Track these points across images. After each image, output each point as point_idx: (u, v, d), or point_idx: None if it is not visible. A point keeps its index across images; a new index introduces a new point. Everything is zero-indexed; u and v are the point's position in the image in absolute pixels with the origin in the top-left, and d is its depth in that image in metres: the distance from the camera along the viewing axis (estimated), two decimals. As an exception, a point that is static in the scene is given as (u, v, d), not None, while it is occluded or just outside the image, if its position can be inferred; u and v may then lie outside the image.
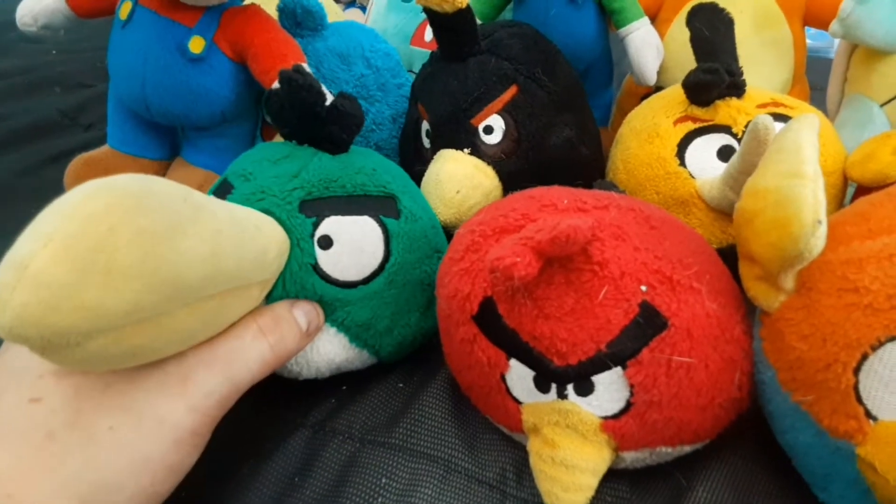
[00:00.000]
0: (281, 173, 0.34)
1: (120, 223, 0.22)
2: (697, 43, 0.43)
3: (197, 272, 0.25)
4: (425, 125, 0.47)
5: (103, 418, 0.26)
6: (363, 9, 0.82)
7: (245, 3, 0.50)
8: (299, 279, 0.33)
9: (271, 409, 0.37)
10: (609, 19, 0.52)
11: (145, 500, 0.27)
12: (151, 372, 0.27)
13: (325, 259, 0.33)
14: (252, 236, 0.29)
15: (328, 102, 0.34)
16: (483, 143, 0.44)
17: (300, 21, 0.51)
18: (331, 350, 0.35)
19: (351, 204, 0.34)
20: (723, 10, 0.43)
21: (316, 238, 0.33)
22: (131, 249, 0.22)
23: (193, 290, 0.25)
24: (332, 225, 0.33)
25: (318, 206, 0.34)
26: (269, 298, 0.32)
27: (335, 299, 0.34)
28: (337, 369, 0.36)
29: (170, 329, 0.25)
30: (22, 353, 0.27)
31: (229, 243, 0.27)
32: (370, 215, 0.35)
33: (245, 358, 0.30)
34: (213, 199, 0.27)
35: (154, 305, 0.23)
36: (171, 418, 0.27)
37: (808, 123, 0.27)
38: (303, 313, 0.33)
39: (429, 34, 0.63)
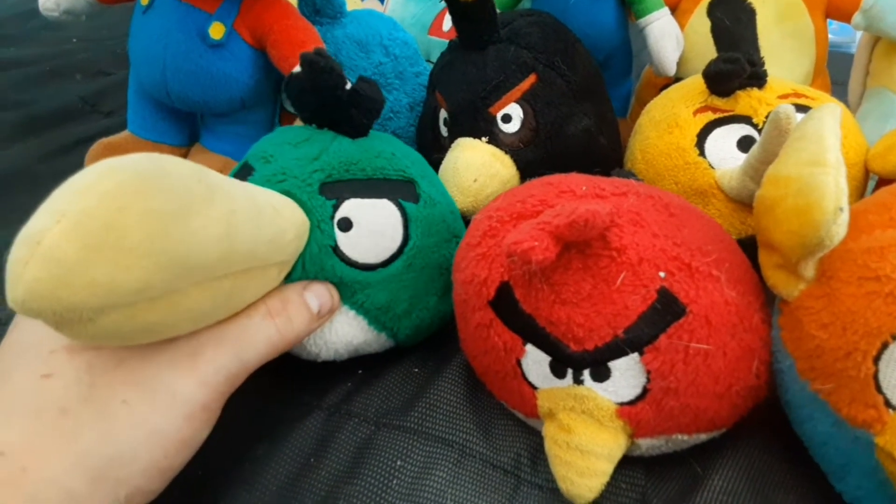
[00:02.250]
0: (301, 156, 0.34)
1: (130, 203, 0.22)
2: (719, 33, 0.43)
3: (209, 252, 0.25)
4: (443, 113, 0.47)
5: (116, 393, 0.26)
6: (381, -1, 0.82)
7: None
8: (319, 261, 0.33)
9: (288, 391, 0.38)
10: (629, 9, 0.52)
11: (158, 473, 0.27)
12: (163, 348, 0.28)
13: (344, 241, 0.33)
14: (269, 217, 0.29)
15: (348, 86, 0.35)
16: (501, 131, 0.44)
17: (319, 8, 0.51)
18: (349, 332, 0.35)
19: (370, 187, 0.35)
20: (744, 0, 0.43)
21: (336, 220, 0.33)
22: (141, 228, 0.22)
23: (206, 269, 0.25)
24: (351, 207, 0.34)
25: (338, 188, 0.34)
26: (289, 279, 0.33)
27: (354, 281, 0.34)
28: (355, 351, 0.37)
29: (183, 307, 0.25)
30: (33, 329, 0.28)
31: (245, 224, 0.27)
32: (389, 198, 0.35)
33: (253, 338, 0.30)
34: (229, 181, 0.28)
35: (165, 283, 0.24)
36: (183, 392, 0.27)
37: (831, 112, 0.27)
38: (314, 296, 0.33)
39: (447, 24, 0.62)
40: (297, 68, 0.34)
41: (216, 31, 0.46)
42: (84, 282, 0.21)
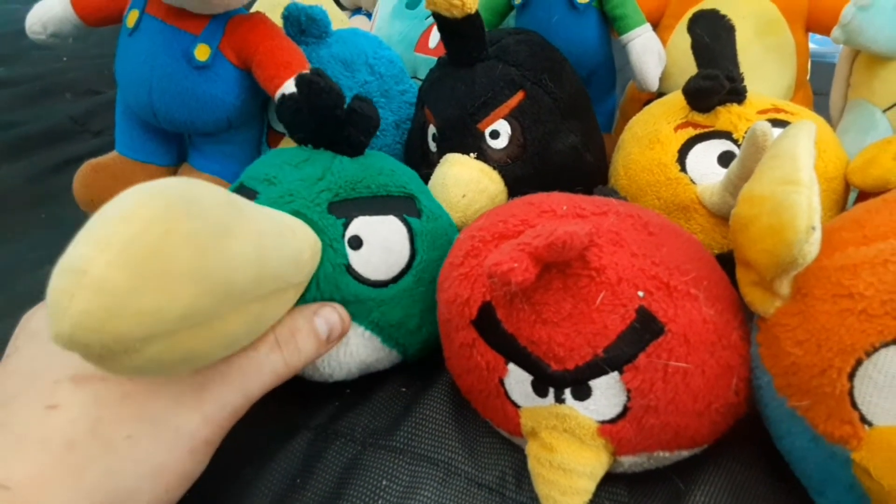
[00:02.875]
0: (306, 176, 0.34)
1: (174, 227, 0.22)
2: (698, 49, 0.43)
3: (246, 274, 0.25)
4: (432, 129, 0.47)
5: (122, 428, 0.26)
6: (369, 15, 0.83)
7: (250, 11, 0.51)
8: (333, 280, 0.33)
9: (275, 411, 0.37)
10: (611, 26, 0.53)
11: None
12: (168, 383, 0.27)
13: (356, 259, 0.34)
14: (288, 238, 0.29)
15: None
16: (489, 147, 0.44)
17: (304, 28, 0.51)
18: (363, 352, 0.35)
19: (377, 204, 0.35)
20: (724, 16, 0.43)
21: (346, 239, 0.34)
22: (186, 253, 0.22)
23: (243, 292, 0.25)
24: (360, 225, 0.34)
25: (346, 207, 0.34)
26: (303, 300, 0.32)
27: (369, 299, 0.34)
28: (367, 370, 0.37)
29: (221, 333, 0.25)
30: (34, 356, 0.27)
31: (271, 245, 0.27)
32: (395, 215, 0.35)
33: (259, 371, 0.30)
34: (249, 202, 0.28)
35: (208, 309, 0.23)
36: (187, 428, 0.27)
37: (805, 130, 0.28)
38: (324, 321, 0.32)
39: (433, 41, 0.63)
40: (289, 89, 0.34)
41: (201, 52, 0.46)
42: (133, 311, 0.21)
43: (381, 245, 0.34)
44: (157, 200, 0.22)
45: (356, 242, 0.34)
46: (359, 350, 0.35)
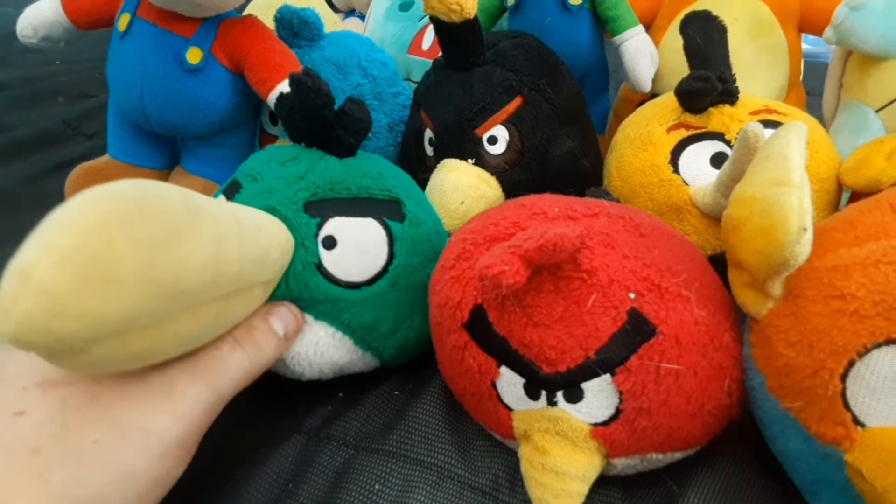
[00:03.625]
0: (287, 174, 0.35)
1: (118, 233, 0.22)
2: (690, 50, 0.43)
3: (197, 278, 0.25)
4: (428, 133, 0.47)
5: (89, 432, 0.26)
6: (362, 17, 0.83)
7: (242, 14, 0.51)
8: (302, 278, 0.33)
9: (267, 416, 0.37)
10: (604, 27, 0.53)
11: None
12: (137, 383, 0.27)
13: (328, 259, 0.34)
14: (253, 238, 0.29)
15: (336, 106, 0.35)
16: (487, 153, 0.44)
17: (297, 31, 0.51)
18: (334, 353, 0.35)
19: (355, 206, 0.35)
20: (716, 17, 0.43)
21: (320, 238, 0.34)
22: (130, 259, 0.22)
23: (194, 295, 0.25)
24: (336, 226, 0.34)
25: (323, 206, 0.34)
26: (273, 297, 0.33)
27: (339, 299, 0.34)
28: (340, 371, 0.37)
29: (172, 333, 0.26)
30: (4, 363, 0.27)
31: (231, 246, 0.27)
32: (374, 217, 0.35)
33: (226, 368, 0.30)
34: (214, 202, 0.28)
35: (154, 312, 0.24)
36: (157, 429, 0.27)
37: (796, 131, 0.28)
38: (279, 319, 0.33)
39: (426, 43, 0.63)
40: (285, 87, 0.34)
41: (193, 55, 0.46)
42: (75, 313, 0.21)
43: (355, 246, 0.34)
44: (103, 205, 0.22)
45: (330, 242, 0.34)
46: (329, 350, 0.35)
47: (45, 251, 0.21)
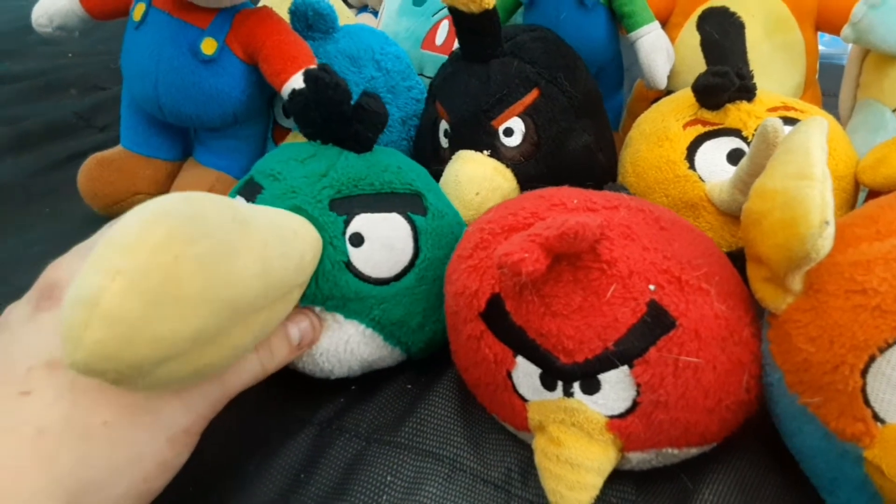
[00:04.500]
0: (309, 173, 0.34)
1: (182, 252, 0.22)
2: (708, 47, 0.43)
3: (252, 290, 0.25)
4: (444, 125, 0.47)
5: (98, 413, 0.26)
6: (375, 13, 0.83)
7: (257, 5, 0.51)
8: (332, 277, 0.33)
9: (280, 406, 0.37)
10: (620, 23, 0.52)
11: (137, 495, 0.27)
12: None
13: (357, 256, 0.34)
14: (291, 242, 0.30)
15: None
16: (503, 145, 0.44)
17: (311, 24, 0.51)
18: (364, 350, 0.35)
19: (380, 201, 0.35)
20: (733, 14, 0.43)
21: (347, 236, 0.33)
22: (195, 278, 0.22)
23: (249, 306, 0.26)
24: (362, 222, 0.34)
25: (348, 204, 0.34)
26: (304, 297, 0.33)
27: (370, 296, 0.34)
28: (369, 367, 0.37)
29: (229, 346, 0.26)
30: (9, 343, 0.27)
31: (276, 255, 0.27)
32: (398, 212, 0.35)
33: (237, 368, 0.30)
34: (252, 209, 0.28)
35: (217, 327, 0.24)
36: (167, 415, 0.27)
37: (817, 125, 0.27)
38: (297, 328, 0.33)
39: (440, 38, 0.63)
40: (298, 84, 0.34)
41: (208, 46, 0.46)
42: (146, 338, 0.21)
43: (382, 242, 0.34)
44: (163, 223, 0.22)
45: (357, 240, 0.34)
46: (360, 348, 0.35)
47: (110, 276, 0.21)
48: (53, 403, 0.25)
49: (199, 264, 0.22)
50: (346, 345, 0.35)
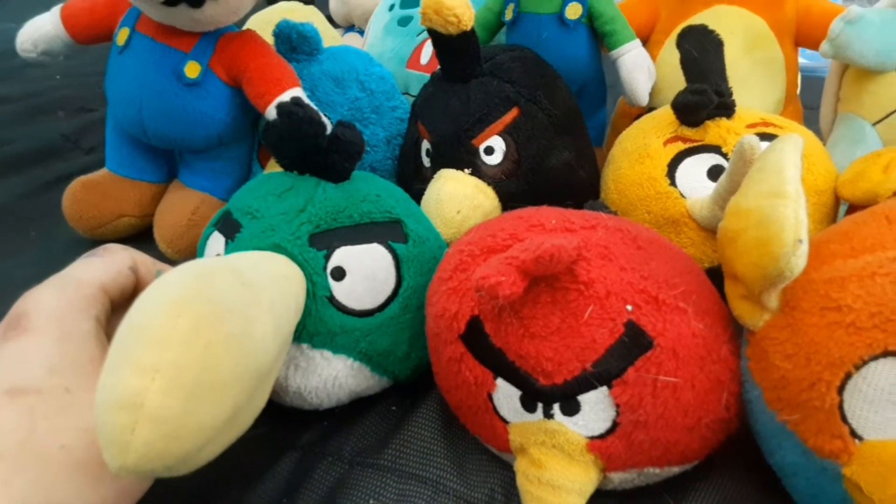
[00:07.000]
0: (287, 209, 0.34)
1: (212, 337, 0.22)
2: (687, 64, 0.43)
3: (270, 352, 0.26)
4: (426, 144, 0.47)
5: (56, 438, 0.25)
6: (361, 33, 0.83)
7: (241, 28, 0.51)
8: (316, 313, 0.33)
9: (262, 431, 0.37)
10: (601, 41, 0.53)
11: None
12: None
13: (339, 290, 0.33)
14: (288, 290, 0.30)
15: (328, 132, 0.35)
16: (484, 163, 0.45)
17: (295, 46, 0.51)
18: (352, 382, 0.35)
19: (359, 233, 0.35)
20: (712, 31, 0.44)
21: (329, 270, 0.33)
22: (226, 359, 0.22)
23: (270, 368, 0.26)
24: (343, 255, 0.34)
25: (328, 238, 0.34)
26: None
27: (355, 329, 0.34)
28: (357, 396, 0.37)
29: (253, 408, 0.26)
30: None
31: (282, 309, 0.28)
32: (379, 242, 0.35)
33: None
34: (249, 265, 0.28)
35: (247, 399, 0.24)
36: None
37: (791, 143, 0.27)
38: None
39: (424, 57, 0.63)
40: (272, 115, 0.34)
41: (192, 70, 0.47)
42: (191, 430, 0.22)
43: (364, 274, 0.34)
44: (188, 313, 0.22)
45: (339, 273, 0.33)
46: (348, 381, 0.35)
47: (149, 376, 0.21)
48: (11, 431, 0.25)
49: (227, 346, 0.23)
50: (335, 380, 0.34)
